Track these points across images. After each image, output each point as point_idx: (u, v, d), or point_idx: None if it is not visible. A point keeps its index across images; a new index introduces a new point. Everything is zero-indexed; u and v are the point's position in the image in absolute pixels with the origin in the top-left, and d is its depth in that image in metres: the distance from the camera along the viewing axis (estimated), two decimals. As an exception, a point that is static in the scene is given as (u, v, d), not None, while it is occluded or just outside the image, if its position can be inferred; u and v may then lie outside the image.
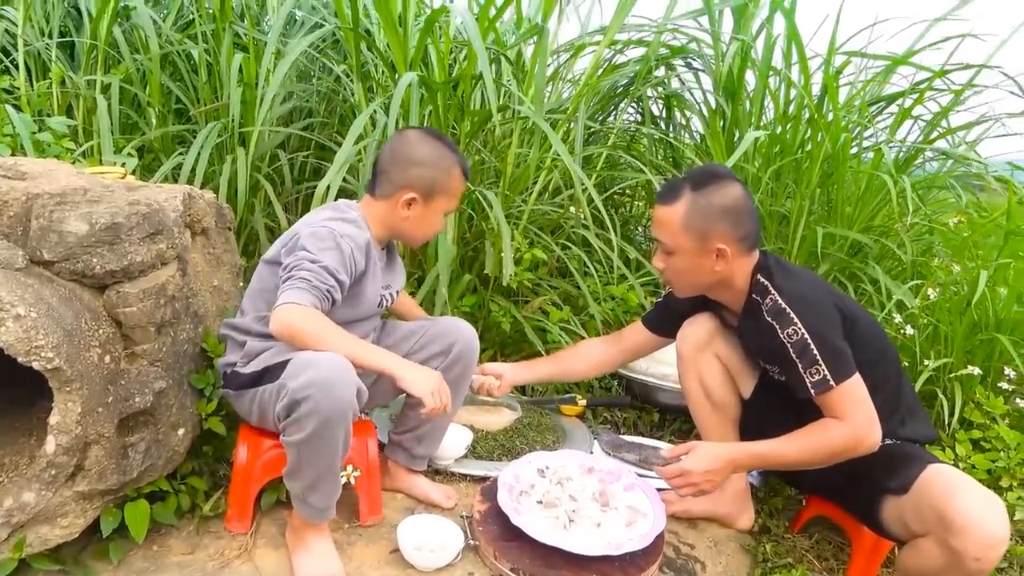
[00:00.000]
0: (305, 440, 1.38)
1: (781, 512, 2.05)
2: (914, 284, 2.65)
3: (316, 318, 1.44)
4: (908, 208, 2.70)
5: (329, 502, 1.50)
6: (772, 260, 1.69)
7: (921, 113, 3.24)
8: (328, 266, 1.48)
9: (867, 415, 1.55)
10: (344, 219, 1.60)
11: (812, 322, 1.56)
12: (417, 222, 1.67)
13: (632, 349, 2.05)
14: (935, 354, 2.49)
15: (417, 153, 1.63)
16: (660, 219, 1.65)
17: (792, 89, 3.11)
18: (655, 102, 3.71)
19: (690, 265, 1.65)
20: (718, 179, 1.62)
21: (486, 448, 2.06)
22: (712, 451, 1.61)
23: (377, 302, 1.68)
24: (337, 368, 1.37)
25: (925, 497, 1.47)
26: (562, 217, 2.91)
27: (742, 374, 1.87)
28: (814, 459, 1.57)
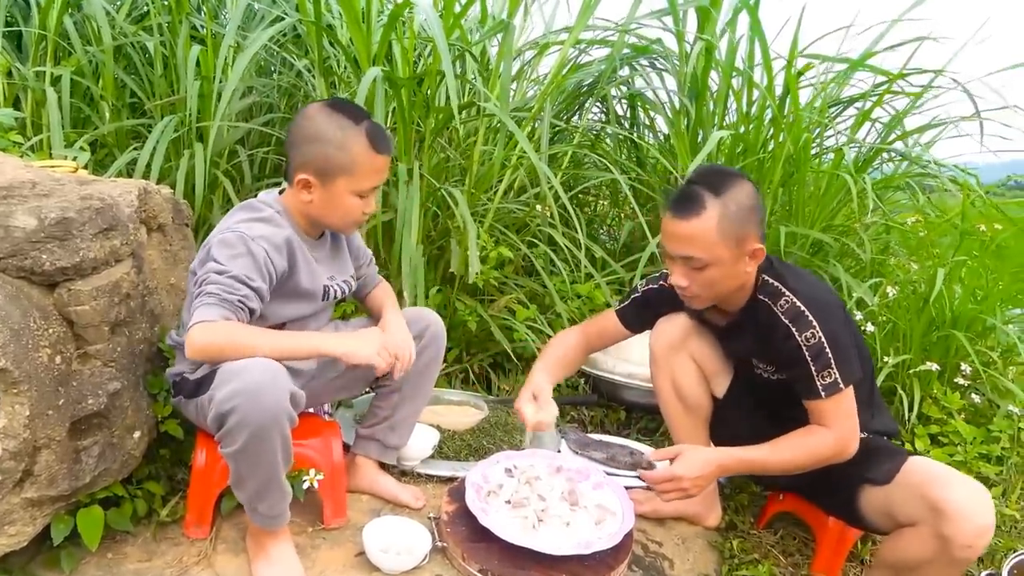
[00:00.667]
0: (240, 452, 1.33)
1: (747, 508, 2.07)
2: (873, 283, 2.69)
3: (229, 330, 1.35)
4: (868, 207, 2.75)
5: (278, 510, 1.45)
6: (774, 260, 1.68)
7: (880, 115, 3.31)
8: (238, 275, 1.39)
9: (854, 425, 1.58)
10: (257, 218, 1.50)
11: (828, 325, 1.56)
12: (324, 207, 1.53)
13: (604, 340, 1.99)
14: (894, 351, 2.54)
15: (311, 128, 1.49)
16: (689, 234, 1.53)
17: (755, 90, 3.15)
18: (620, 102, 3.73)
19: (726, 274, 1.57)
20: (732, 178, 1.56)
21: (453, 448, 2.04)
22: (703, 457, 1.60)
23: (321, 295, 1.61)
24: (265, 374, 1.30)
25: (913, 487, 1.50)
26: (528, 215, 2.90)
27: (716, 374, 1.87)
28: (800, 466, 1.59)
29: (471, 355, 2.65)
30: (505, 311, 2.66)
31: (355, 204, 1.54)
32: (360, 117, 1.52)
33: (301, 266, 1.54)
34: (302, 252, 1.55)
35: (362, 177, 1.51)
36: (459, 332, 2.59)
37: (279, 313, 1.53)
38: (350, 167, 1.49)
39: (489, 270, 2.52)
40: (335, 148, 1.48)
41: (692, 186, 1.57)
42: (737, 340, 1.77)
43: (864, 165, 3.21)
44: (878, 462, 1.62)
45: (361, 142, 1.49)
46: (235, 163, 2.76)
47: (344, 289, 1.69)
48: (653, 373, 1.92)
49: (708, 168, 1.74)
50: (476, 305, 2.55)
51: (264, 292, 1.43)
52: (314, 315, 1.64)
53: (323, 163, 1.49)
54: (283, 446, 1.37)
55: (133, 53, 2.75)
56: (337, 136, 1.48)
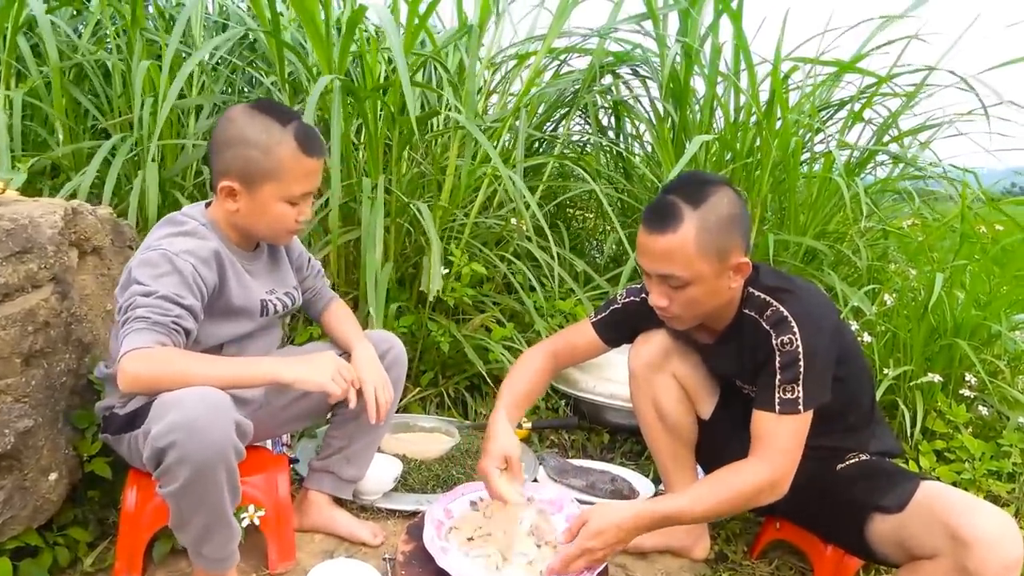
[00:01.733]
0: (181, 491, 1.19)
1: (739, 537, 1.91)
2: (870, 289, 2.55)
3: (165, 357, 1.23)
4: (862, 212, 2.62)
5: (225, 551, 1.32)
6: (763, 269, 1.53)
7: (872, 117, 3.19)
8: (167, 294, 1.26)
9: (792, 461, 1.42)
10: (180, 232, 1.38)
11: (811, 339, 1.41)
12: (251, 215, 1.41)
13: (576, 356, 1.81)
14: (894, 362, 2.39)
15: (233, 131, 1.37)
16: (665, 251, 1.39)
17: (742, 96, 3.03)
18: (604, 112, 3.62)
19: (708, 291, 1.42)
20: (711, 186, 1.41)
21: (419, 479, 1.90)
22: (611, 520, 1.41)
23: (259, 311, 1.48)
24: (205, 405, 1.18)
25: (931, 515, 1.34)
26: (505, 230, 2.77)
27: (701, 394, 1.72)
28: (726, 509, 1.43)
29: (447, 378, 2.51)
30: (482, 331, 2.53)
31: (285, 212, 1.42)
32: (288, 118, 1.40)
33: (231, 281, 1.41)
34: (232, 266, 1.42)
35: (291, 182, 1.39)
36: (433, 354, 2.46)
37: (213, 334, 1.41)
38: (277, 172, 1.38)
39: (463, 288, 2.39)
40: (260, 152, 1.37)
41: (667, 196, 1.42)
42: (722, 359, 1.63)
43: (857, 169, 3.08)
44: (888, 487, 1.46)
45: (288, 144, 1.38)
46: (199, 181, 2.65)
47: (286, 303, 1.56)
48: (632, 393, 1.77)
49: (686, 176, 1.60)
50: (450, 325, 2.42)
51: (197, 310, 1.31)
52: (253, 334, 1.50)
53: (247, 168, 1.37)
54: (229, 481, 1.24)
55: (92, 73, 2.66)
56: (262, 139, 1.37)
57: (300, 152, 1.39)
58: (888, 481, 1.48)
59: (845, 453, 1.59)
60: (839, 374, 1.48)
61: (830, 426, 1.55)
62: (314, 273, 1.71)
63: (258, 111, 1.40)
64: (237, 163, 1.37)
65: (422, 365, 2.49)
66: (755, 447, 1.43)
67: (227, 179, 1.38)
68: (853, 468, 1.56)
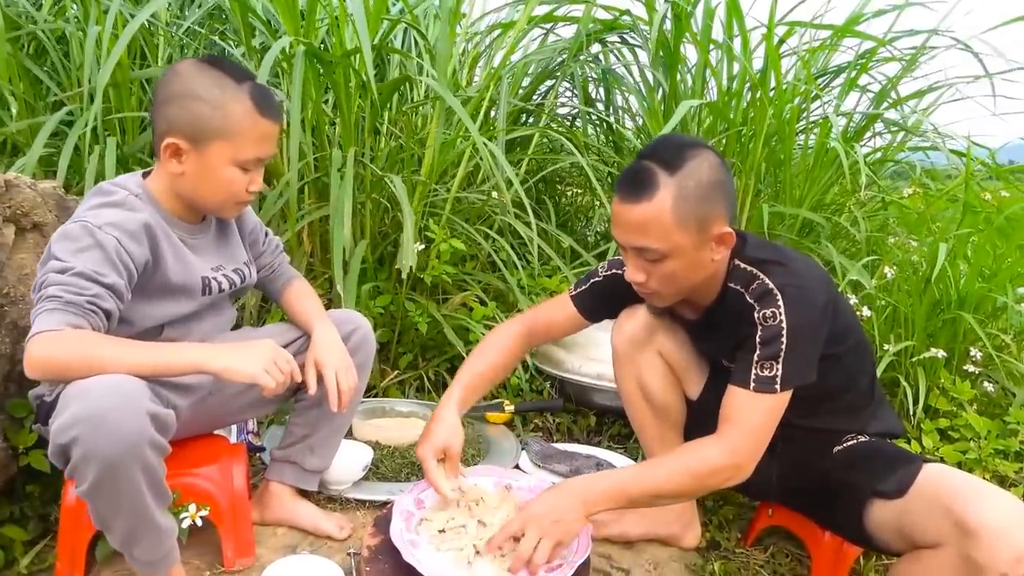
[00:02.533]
0: (92, 491, 1.08)
1: (732, 523, 1.81)
2: (869, 262, 2.43)
3: (77, 340, 1.10)
4: (861, 182, 2.50)
5: (158, 552, 1.20)
6: (751, 241, 1.41)
7: (869, 83, 3.06)
8: (84, 271, 1.14)
9: (759, 443, 1.31)
10: (106, 203, 1.25)
11: (797, 317, 1.29)
12: (198, 179, 1.28)
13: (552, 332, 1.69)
14: (895, 337, 2.28)
15: (180, 85, 1.24)
16: (640, 222, 1.27)
17: (735, 64, 2.90)
18: (593, 83, 3.49)
19: (688, 264, 1.31)
20: (690, 149, 1.29)
21: (392, 467, 1.79)
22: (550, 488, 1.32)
23: (200, 288, 1.35)
24: (113, 394, 1.05)
25: (934, 501, 1.24)
26: (487, 205, 2.65)
27: (689, 372, 1.61)
28: (679, 488, 1.30)
29: (426, 360, 2.40)
30: (463, 310, 2.41)
31: (235, 177, 1.29)
32: (243, 76, 1.28)
33: (167, 256, 1.29)
34: (168, 239, 1.30)
35: (243, 143, 1.26)
36: (411, 335, 2.34)
37: (149, 314, 1.28)
38: (228, 130, 1.25)
39: (441, 265, 2.27)
40: (211, 107, 1.24)
41: (642, 162, 1.30)
42: (707, 336, 1.52)
43: (855, 136, 2.95)
44: (888, 470, 1.36)
45: (243, 102, 1.25)
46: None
47: (234, 280, 1.43)
48: (616, 373, 1.66)
49: (663, 139, 1.46)
50: (429, 305, 2.30)
51: (120, 288, 1.18)
52: (199, 314, 1.37)
53: (195, 123, 1.24)
54: (149, 480, 1.12)
55: (50, 45, 2.52)
56: (213, 94, 1.24)
57: (255, 111, 1.26)
58: (888, 464, 1.37)
59: (842, 435, 1.48)
60: (835, 351, 1.37)
61: (826, 406, 1.44)
62: (271, 249, 1.59)
63: (209, 65, 1.27)
64: (183, 117, 1.24)
65: (400, 347, 2.38)
66: (721, 425, 1.32)
67: (171, 136, 1.25)
68: (851, 450, 1.46)
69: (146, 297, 1.27)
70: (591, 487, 1.30)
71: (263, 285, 1.61)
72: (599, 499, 1.28)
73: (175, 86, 1.25)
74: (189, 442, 1.46)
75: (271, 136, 1.31)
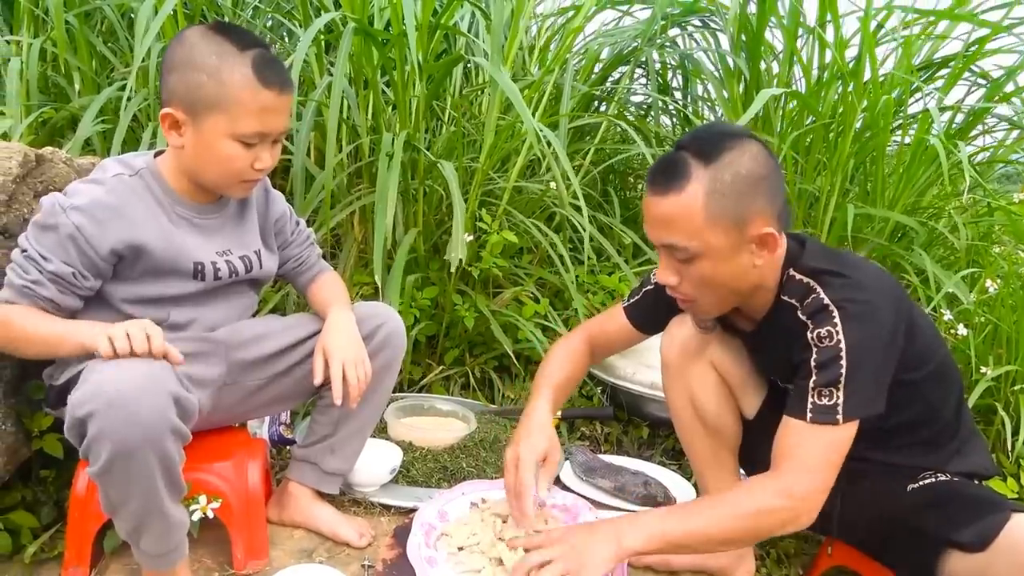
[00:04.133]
0: (103, 473, 1.02)
1: (792, 559, 1.63)
2: (969, 273, 2.17)
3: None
4: (964, 183, 2.23)
5: (164, 546, 1.14)
6: (813, 249, 1.24)
7: (977, 75, 2.75)
8: (32, 255, 1.15)
9: (822, 484, 1.12)
10: (94, 180, 1.21)
11: (858, 333, 1.12)
12: (196, 154, 1.21)
13: (612, 345, 1.59)
14: (995, 360, 2.02)
15: (183, 54, 1.17)
16: (667, 216, 1.15)
17: (827, 51, 2.65)
18: (672, 71, 3.29)
19: (724, 269, 1.17)
20: (730, 139, 1.15)
21: (423, 471, 1.68)
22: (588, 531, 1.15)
23: (192, 272, 1.27)
24: (132, 373, 1.01)
25: (1021, 560, 1.06)
26: (545, 196, 2.51)
27: (745, 388, 1.44)
28: (734, 533, 1.12)
29: (474, 357, 2.29)
30: (514, 306, 2.29)
31: (235, 153, 1.20)
32: (248, 43, 1.19)
33: (152, 237, 1.21)
34: (158, 220, 1.23)
35: (241, 116, 1.17)
36: (459, 329, 2.24)
37: (135, 292, 1.23)
38: (224, 101, 1.16)
39: (491, 257, 2.15)
40: (207, 76, 1.16)
41: (678, 152, 1.16)
42: (761, 352, 1.36)
43: (960, 133, 2.66)
44: (968, 518, 1.17)
45: (242, 71, 1.16)
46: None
47: (237, 269, 1.34)
48: (665, 385, 1.51)
49: (704, 127, 1.32)
50: (478, 299, 2.19)
51: (65, 274, 1.16)
52: (200, 298, 1.30)
53: (191, 93, 1.17)
54: (164, 469, 1.06)
55: (117, 21, 2.53)
56: (211, 62, 1.16)
57: (255, 81, 1.17)
58: (969, 510, 1.18)
59: (919, 472, 1.29)
60: (911, 378, 1.20)
61: (901, 439, 1.26)
62: (300, 240, 1.51)
63: (215, 32, 1.19)
64: (181, 88, 1.18)
65: (448, 341, 2.28)
66: (776, 462, 1.15)
67: (170, 106, 1.19)
68: (927, 490, 1.27)
69: (132, 278, 1.23)
70: (629, 526, 1.13)
71: (290, 278, 1.53)
72: (636, 541, 1.11)
73: (177, 54, 1.19)
74: (206, 435, 1.39)
75: (275, 109, 1.21)
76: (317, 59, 2.31)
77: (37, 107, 2.23)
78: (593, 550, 1.09)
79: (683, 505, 1.24)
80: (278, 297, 2.07)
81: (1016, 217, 2.51)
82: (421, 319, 2.15)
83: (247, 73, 1.16)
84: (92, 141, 2.26)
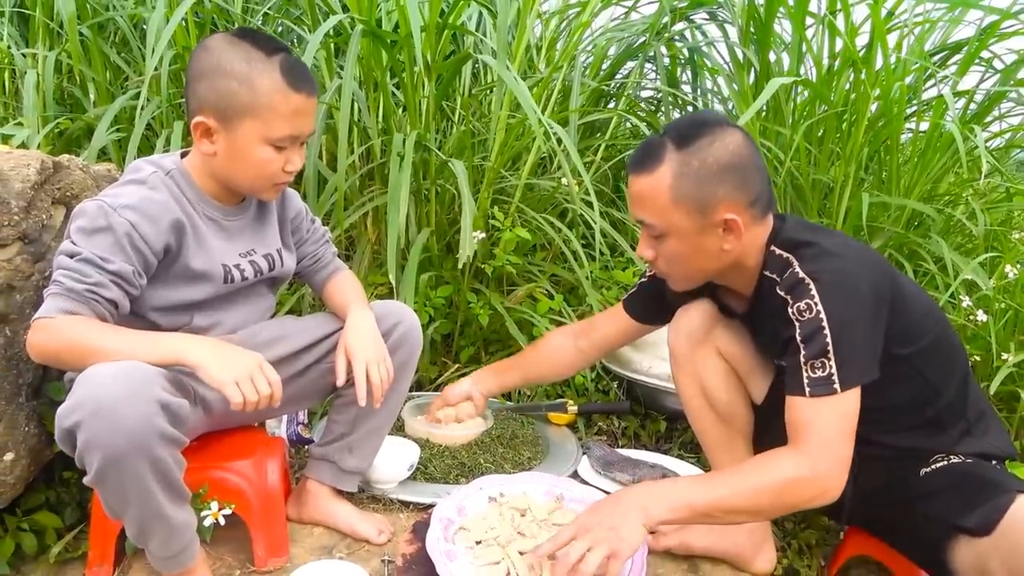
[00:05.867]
0: (98, 481, 1.03)
1: (814, 549, 1.61)
2: (987, 259, 2.15)
3: (68, 328, 1.08)
4: (981, 169, 2.21)
5: (173, 548, 1.15)
6: (792, 224, 1.28)
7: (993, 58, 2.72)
8: (90, 257, 1.11)
9: (841, 454, 1.13)
10: (132, 180, 1.21)
11: (837, 303, 1.14)
12: (230, 160, 1.22)
13: (608, 341, 1.67)
14: (1016, 346, 2.00)
15: (210, 61, 1.18)
16: (640, 193, 1.24)
17: (838, 39, 2.63)
18: (681, 64, 3.28)
19: (689, 248, 1.25)
20: (708, 127, 1.21)
21: (441, 468, 1.68)
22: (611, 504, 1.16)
23: (223, 276, 1.29)
24: (121, 380, 1.00)
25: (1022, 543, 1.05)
26: (557, 192, 2.51)
27: (753, 373, 1.45)
28: (759, 504, 1.13)
29: (489, 354, 2.29)
30: (528, 302, 2.29)
31: (269, 157, 1.22)
32: (274, 48, 1.20)
33: (190, 240, 1.23)
34: (193, 222, 1.25)
35: (274, 120, 1.19)
36: (474, 327, 2.24)
37: (167, 299, 1.24)
38: (257, 107, 1.18)
39: (503, 255, 2.16)
40: (238, 83, 1.17)
41: (660, 136, 1.24)
42: (756, 332, 1.38)
43: (976, 118, 2.63)
44: (973, 501, 1.15)
45: (272, 76, 1.18)
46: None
47: (262, 267, 1.36)
48: (674, 375, 1.52)
49: (690, 116, 1.40)
50: (492, 296, 2.19)
51: (127, 274, 1.14)
52: (224, 301, 1.31)
53: (223, 101, 1.18)
54: (158, 474, 1.06)
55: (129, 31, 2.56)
56: (241, 69, 1.17)
57: (286, 85, 1.19)
58: (976, 493, 1.17)
59: (929, 455, 1.28)
60: (903, 352, 1.20)
61: (906, 420, 1.25)
62: (316, 238, 1.52)
63: (239, 38, 1.20)
64: (212, 96, 1.19)
65: (463, 340, 2.28)
66: (791, 439, 1.17)
67: (201, 115, 1.20)
68: (939, 474, 1.26)
69: (165, 281, 1.23)
70: (653, 495, 1.14)
71: (306, 276, 1.54)
72: (661, 510, 1.12)
73: (204, 62, 1.19)
74: (224, 434, 1.41)
75: (305, 112, 1.23)
76: (327, 62, 2.33)
77: (53, 118, 2.26)
78: (626, 524, 1.10)
79: (709, 476, 1.24)
80: (293, 300, 2.08)
81: (1035, 202, 2.48)
82: (436, 318, 2.16)
83: (277, 78, 1.18)
84: (108, 150, 2.29)
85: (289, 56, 1.21)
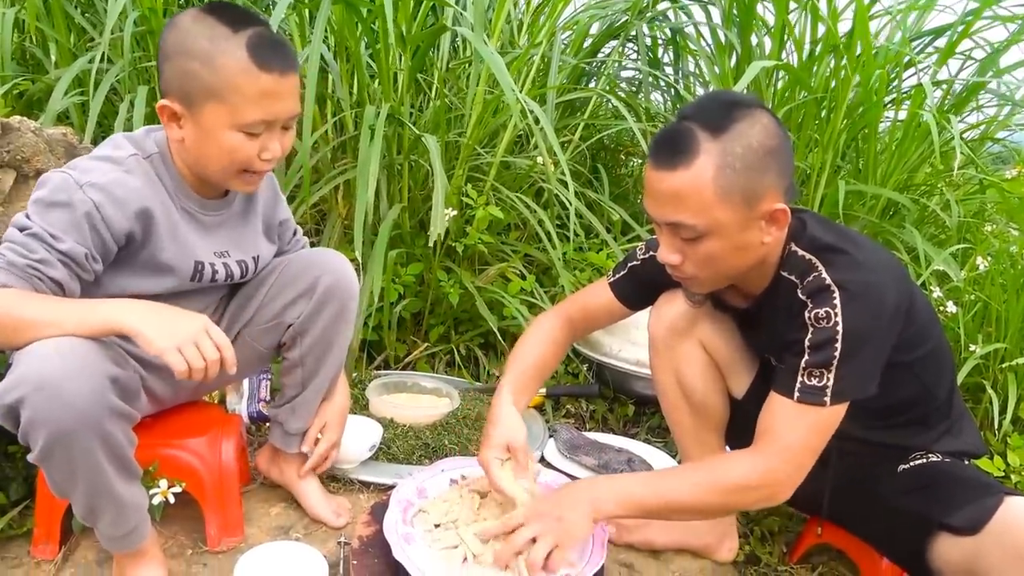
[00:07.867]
0: (44, 459, 0.99)
1: (776, 536, 1.62)
2: (959, 250, 2.15)
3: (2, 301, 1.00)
4: (955, 160, 2.20)
5: (121, 529, 1.11)
6: (813, 222, 1.19)
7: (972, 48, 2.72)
8: (39, 232, 1.03)
9: (800, 464, 1.12)
10: (108, 157, 1.12)
11: (858, 318, 1.09)
12: (197, 146, 1.12)
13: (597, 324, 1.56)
14: (984, 338, 2.01)
15: (176, 40, 1.08)
16: (674, 193, 1.08)
17: (820, 24, 2.61)
18: (663, 45, 3.24)
19: (731, 246, 1.11)
20: (740, 109, 1.08)
21: (404, 448, 1.66)
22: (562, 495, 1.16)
23: (191, 273, 1.21)
24: (66, 353, 0.96)
25: (1016, 544, 1.05)
26: (533, 171, 2.48)
27: (734, 367, 1.41)
28: (706, 503, 1.13)
29: (459, 334, 2.27)
30: (500, 282, 2.26)
31: (239, 144, 1.11)
32: (242, 23, 1.09)
33: (161, 230, 1.15)
34: (168, 212, 1.17)
35: (240, 104, 1.08)
36: (444, 306, 2.21)
37: (124, 287, 1.16)
38: (220, 89, 1.07)
39: (475, 233, 2.12)
40: (200, 63, 1.07)
41: (682, 123, 1.09)
42: (754, 330, 1.32)
43: (953, 109, 2.63)
44: (959, 500, 1.15)
45: (236, 55, 1.06)
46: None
47: (234, 272, 1.28)
48: (652, 363, 1.48)
49: (710, 96, 1.26)
50: (463, 275, 2.16)
51: (78, 255, 1.06)
52: (187, 295, 1.23)
53: (186, 84, 1.08)
54: (109, 450, 1.03)
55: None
56: (202, 47, 1.07)
57: (252, 64, 1.07)
58: (962, 493, 1.16)
59: (910, 452, 1.27)
60: (906, 359, 1.17)
61: (893, 419, 1.23)
62: (296, 243, 1.47)
63: (206, 13, 1.10)
64: (175, 78, 1.09)
65: (432, 319, 2.25)
66: (758, 438, 1.14)
67: (167, 98, 1.11)
68: (918, 471, 1.25)
69: (126, 270, 1.15)
70: (605, 490, 1.15)
71: None
72: (610, 505, 1.13)
73: (169, 41, 1.10)
74: (177, 411, 1.37)
75: (278, 93, 1.11)
76: (299, 29, 2.26)
77: (12, 78, 2.17)
78: (574, 519, 1.11)
79: (661, 472, 1.24)
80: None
81: (1008, 195, 2.49)
82: (406, 295, 2.12)
83: (242, 56, 1.07)
84: (70, 114, 2.21)
85: (261, 31, 1.10)
